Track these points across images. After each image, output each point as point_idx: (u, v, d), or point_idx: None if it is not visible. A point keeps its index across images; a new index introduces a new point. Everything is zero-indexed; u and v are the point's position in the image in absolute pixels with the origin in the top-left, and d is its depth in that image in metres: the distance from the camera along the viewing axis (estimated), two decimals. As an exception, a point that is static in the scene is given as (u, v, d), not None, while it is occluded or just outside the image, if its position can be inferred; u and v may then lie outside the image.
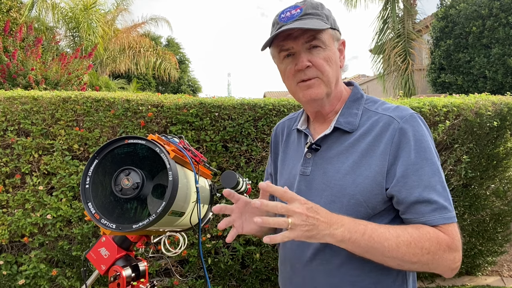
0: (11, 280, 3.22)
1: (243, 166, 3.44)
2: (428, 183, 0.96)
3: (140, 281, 1.30)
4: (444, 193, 0.97)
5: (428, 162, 0.97)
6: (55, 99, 3.34)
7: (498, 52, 8.84)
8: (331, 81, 1.06)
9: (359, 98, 1.11)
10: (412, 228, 0.94)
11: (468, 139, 3.83)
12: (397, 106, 1.05)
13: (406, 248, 0.90)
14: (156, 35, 23.92)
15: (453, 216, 0.96)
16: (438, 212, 0.94)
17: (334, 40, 1.07)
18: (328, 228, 0.87)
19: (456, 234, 0.95)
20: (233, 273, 3.50)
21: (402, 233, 0.92)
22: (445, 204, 0.95)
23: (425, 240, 0.91)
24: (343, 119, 1.07)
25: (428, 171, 0.96)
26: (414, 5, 12.01)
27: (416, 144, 0.98)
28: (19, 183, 3.28)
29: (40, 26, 11.42)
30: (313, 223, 0.85)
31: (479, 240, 3.96)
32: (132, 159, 1.22)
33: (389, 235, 0.91)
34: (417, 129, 0.99)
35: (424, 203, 0.95)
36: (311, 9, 1.04)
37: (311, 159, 1.09)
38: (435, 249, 0.91)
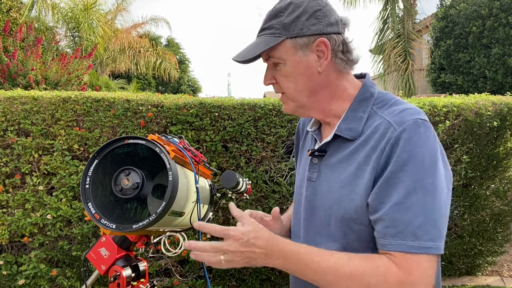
0: (11, 280, 3.22)
1: (243, 166, 3.44)
2: (403, 201, 0.83)
3: (140, 281, 1.30)
4: (421, 217, 0.82)
5: (412, 177, 0.83)
6: (55, 99, 3.34)
7: (498, 52, 8.84)
8: (295, 95, 0.99)
9: (367, 98, 0.99)
10: (359, 259, 0.86)
11: (468, 139, 3.83)
12: (404, 109, 0.92)
13: (346, 282, 0.84)
14: (156, 35, 23.91)
15: (423, 247, 0.81)
16: (402, 238, 0.82)
17: (298, 49, 0.95)
18: (266, 259, 0.86)
19: (418, 269, 0.81)
20: (233, 273, 3.50)
21: (345, 267, 0.84)
22: (418, 231, 0.81)
23: (370, 276, 0.83)
24: (344, 125, 0.97)
25: (407, 187, 0.83)
26: (414, 5, 12.01)
27: (406, 157, 0.85)
28: (19, 183, 3.28)
29: (40, 26, 11.43)
30: (250, 256, 0.85)
31: (479, 240, 3.96)
32: (132, 159, 1.22)
33: (329, 268, 0.85)
34: (415, 141, 0.85)
35: (389, 222, 0.84)
36: (268, 21, 0.97)
37: (318, 165, 1.03)
38: (379, 285, 0.82)
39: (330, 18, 0.96)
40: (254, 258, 0.86)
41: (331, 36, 0.96)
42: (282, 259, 0.86)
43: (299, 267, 0.87)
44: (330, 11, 0.97)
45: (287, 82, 0.98)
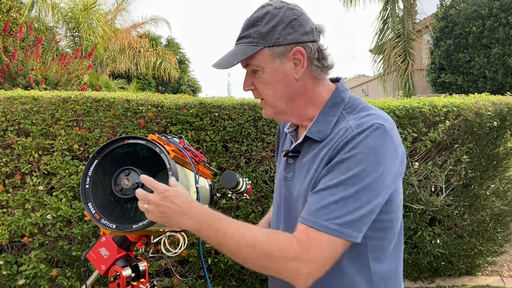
0: (11, 280, 3.22)
1: (243, 166, 3.44)
2: (331, 189, 0.89)
3: (140, 281, 1.30)
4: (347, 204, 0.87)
5: (349, 178, 0.88)
6: (55, 99, 3.34)
7: (498, 52, 8.85)
8: (274, 102, 1.03)
9: (338, 103, 1.03)
10: (265, 232, 0.93)
11: (468, 139, 3.83)
12: (368, 114, 0.96)
13: (247, 249, 0.90)
14: (156, 35, 23.91)
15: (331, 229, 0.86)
16: (316, 215, 0.88)
17: (275, 58, 0.98)
18: (180, 218, 0.94)
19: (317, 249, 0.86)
20: (233, 273, 3.50)
21: (250, 235, 0.91)
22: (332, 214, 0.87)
23: (272, 246, 0.89)
24: (314, 128, 1.02)
25: (337, 174, 0.89)
26: (414, 5, 12.02)
27: (350, 154, 0.89)
28: (19, 183, 3.28)
29: (40, 26, 11.42)
30: (166, 211, 0.94)
31: (479, 240, 3.96)
32: (132, 159, 1.22)
33: (234, 234, 0.91)
34: (365, 141, 0.89)
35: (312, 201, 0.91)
36: (246, 30, 1.00)
37: (292, 165, 1.08)
38: (277, 257, 0.88)
39: (305, 27, 1.00)
40: (169, 214, 0.94)
41: (306, 44, 1.00)
42: (195, 220, 0.93)
43: (209, 231, 0.93)
44: (306, 20, 1.01)
45: (265, 89, 1.02)
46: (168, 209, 0.94)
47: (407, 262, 3.83)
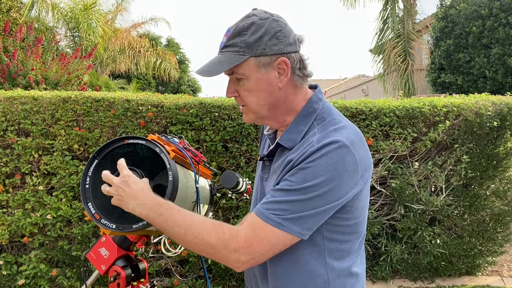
0: (11, 280, 3.22)
1: (243, 166, 3.44)
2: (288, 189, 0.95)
3: (140, 281, 1.30)
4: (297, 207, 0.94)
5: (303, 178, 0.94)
6: (55, 99, 3.34)
7: (498, 52, 8.85)
8: (257, 109, 1.08)
9: (310, 113, 1.08)
10: (212, 223, 0.98)
11: (468, 139, 3.83)
12: (334, 129, 1.00)
13: (192, 238, 0.96)
14: (156, 35, 23.90)
15: (276, 222, 0.94)
16: (269, 209, 0.95)
17: (260, 67, 1.02)
18: (132, 201, 1.00)
19: (258, 243, 0.95)
20: (233, 273, 3.50)
21: (197, 224, 0.97)
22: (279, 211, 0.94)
23: (215, 237, 0.95)
24: (286, 135, 1.08)
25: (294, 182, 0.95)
26: (414, 5, 12.01)
27: (305, 165, 0.95)
28: (19, 183, 3.28)
29: (40, 26, 11.42)
30: (121, 195, 1.01)
31: (479, 240, 3.96)
32: (132, 159, 1.22)
33: (182, 223, 0.97)
34: (324, 156, 0.94)
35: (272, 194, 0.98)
36: (232, 39, 1.02)
37: (268, 167, 1.15)
38: (220, 248, 0.95)
39: (289, 38, 1.04)
40: (123, 197, 1.01)
41: (290, 55, 1.04)
42: (144, 206, 0.99)
43: (158, 218, 0.99)
44: (289, 32, 1.05)
45: (249, 96, 1.06)
46: (123, 192, 1.01)
47: (407, 262, 3.84)
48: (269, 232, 0.95)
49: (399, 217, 3.78)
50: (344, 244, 1.04)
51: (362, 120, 3.63)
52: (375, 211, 3.75)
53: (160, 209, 0.99)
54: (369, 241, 3.82)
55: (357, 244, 1.08)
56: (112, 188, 1.03)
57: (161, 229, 1.00)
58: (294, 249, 1.01)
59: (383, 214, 3.83)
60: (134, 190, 1.01)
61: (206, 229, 0.96)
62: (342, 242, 1.04)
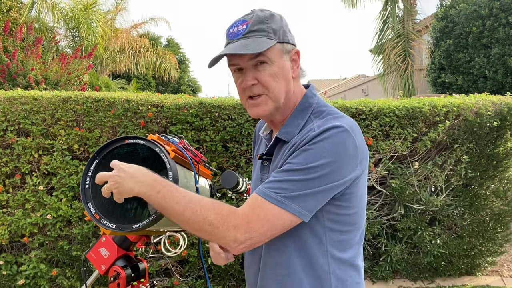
0: (11, 280, 3.22)
1: (243, 166, 3.44)
2: (290, 169, 0.96)
3: (140, 281, 1.30)
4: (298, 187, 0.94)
5: (307, 167, 0.95)
6: (55, 99, 3.34)
7: (498, 52, 8.84)
8: (279, 96, 1.06)
9: (306, 108, 1.10)
10: (211, 201, 0.98)
11: (468, 139, 3.83)
12: (334, 117, 1.03)
13: (191, 214, 0.94)
14: (156, 35, 23.89)
15: (276, 200, 0.94)
16: (270, 188, 0.95)
17: (283, 54, 1.06)
18: (130, 181, 0.97)
19: (257, 221, 0.94)
20: (233, 273, 3.50)
21: (196, 201, 0.96)
22: (279, 190, 0.95)
23: (213, 213, 0.94)
24: (284, 130, 1.09)
25: (296, 162, 0.96)
26: (414, 5, 12.01)
27: (308, 147, 0.97)
28: (19, 183, 3.28)
29: (40, 26, 11.41)
30: (118, 180, 0.98)
31: (479, 240, 3.96)
32: (132, 159, 1.22)
33: (181, 200, 0.96)
34: (327, 138, 0.96)
35: (273, 176, 0.98)
36: (257, 25, 1.03)
37: (267, 167, 1.14)
38: (218, 224, 0.93)
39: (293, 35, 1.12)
40: (120, 182, 0.97)
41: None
42: (142, 183, 0.97)
43: (157, 195, 0.96)
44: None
45: (273, 82, 1.05)
46: (120, 177, 0.98)
47: (407, 262, 3.84)
48: (268, 210, 0.94)
49: (399, 217, 3.78)
50: (345, 234, 1.05)
51: (362, 120, 3.63)
52: (375, 211, 3.75)
53: (158, 186, 0.98)
54: (369, 241, 3.82)
55: (358, 237, 1.09)
56: (108, 182, 1.00)
57: (159, 207, 0.99)
58: (296, 238, 1.02)
59: (383, 214, 3.83)
60: (131, 171, 0.99)
61: (205, 206, 0.95)
62: (344, 232, 1.04)
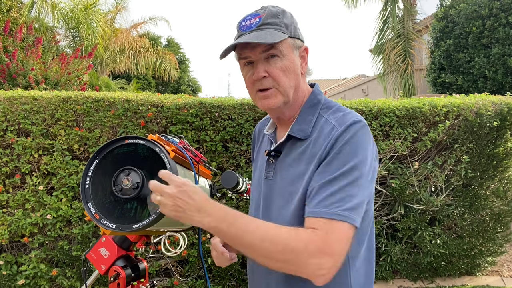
0: (11, 280, 3.22)
1: (243, 166, 3.44)
2: (334, 179, 0.94)
3: (140, 281, 1.30)
4: (349, 191, 0.93)
5: (345, 166, 0.95)
6: (55, 99, 3.34)
7: (498, 52, 8.84)
8: (288, 90, 1.06)
9: (315, 104, 1.11)
10: (286, 228, 0.92)
11: (468, 139, 3.83)
12: (345, 113, 1.04)
13: (269, 244, 0.89)
14: (156, 35, 23.89)
15: (343, 215, 0.91)
16: (323, 205, 0.92)
17: (294, 49, 1.07)
18: (196, 214, 0.91)
19: (336, 242, 0.90)
20: (233, 273, 3.50)
21: (272, 230, 0.91)
22: (338, 203, 0.92)
23: (294, 240, 0.89)
24: (296, 127, 1.08)
25: (342, 171, 0.94)
26: (414, 5, 12.00)
27: (344, 148, 0.97)
28: (19, 183, 3.28)
29: (40, 26, 11.41)
30: (181, 206, 0.91)
31: (479, 240, 3.96)
32: (132, 159, 1.22)
33: (256, 230, 0.91)
34: (352, 135, 0.98)
35: (319, 192, 0.94)
36: (270, 18, 1.04)
37: (274, 164, 1.12)
38: (301, 251, 0.88)
39: None
40: (184, 209, 0.91)
41: None
42: (213, 217, 0.91)
43: (229, 227, 0.91)
44: None
45: (283, 76, 1.05)
46: (184, 203, 0.91)
47: (407, 262, 3.84)
48: (340, 228, 0.90)
49: (399, 217, 3.78)
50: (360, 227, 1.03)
51: (362, 120, 3.63)
52: (375, 211, 3.75)
53: (229, 217, 0.92)
54: (369, 241, 3.82)
55: (369, 231, 1.09)
56: (166, 199, 0.92)
57: (231, 240, 0.93)
58: None
59: (383, 214, 3.83)
60: (197, 202, 0.92)
61: (282, 233, 0.90)
62: (365, 228, 1.05)
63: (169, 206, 0.91)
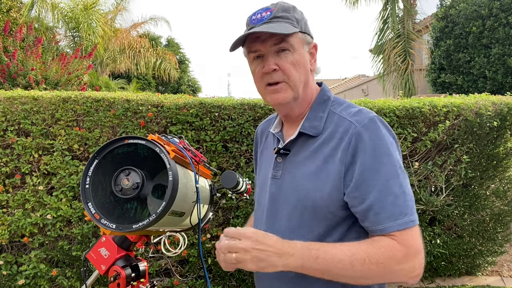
0: (11, 280, 3.22)
1: (243, 166, 3.44)
2: (384, 187, 0.94)
3: (140, 281, 1.30)
4: (402, 197, 0.95)
5: (386, 166, 0.96)
6: (55, 99, 3.34)
7: (498, 52, 8.85)
8: (298, 85, 1.05)
9: (325, 101, 1.11)
10: (366, 244, 0.93)
11: (468, 139, 3.83)
12: (359, 110, 1.04)
13: (360, 266, 0.90)
14: (156, 35, 23.90)
15: (410, 221, 0.93)
16: (394, 219, 0.93)
17: (304, 44, 1.06)
18: (279, 259, 0.90)
19: (414, 240, 0.93)
20: (233, 273, 3.50)
21: (356, 251, 0.91)
22: (403, 208, 0.94)
23: (380, 255, 0.90)
24: (308, 124, 1.07)
25: (385, 175, 0.95)
26: (414, 5, 12.01)
27: (374, 149, 0.96)
28: (19, 183, 3.27)
29: (40, 26, 11.41)
30: (260, 256, 0.89)
31: (479, 240, 3.96)
32: (132, 159, 1.22)
33: (343, 256, 0.91)
34: (376, 134, 0.98)
35: (378, 209, 0.94)
36: (281, 12, 1.04)
37: (282, 163, 1.10)
38: (390, 262, 0.90)
39: None
40: (264, 259, 0.89)
41: None
42: (296, 257, 0.90)
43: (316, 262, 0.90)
44: None
45: (294, 70, 1.04)
46: (262, 252, 0.89)
47: (407, 262, 3.83)
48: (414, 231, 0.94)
49: (399, 217, 3.77)
50: None
51: (362, 120, 3.63)
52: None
53: (313, 252, 0.91)
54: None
55: None
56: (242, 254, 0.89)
57: (321, 273, 0.92)
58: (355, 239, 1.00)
59: (383, 214, 3.83)
60: (274, 246, 0.90)
61: (368, 251, 0.91)
62: None
63: (249, 260, 0.89)
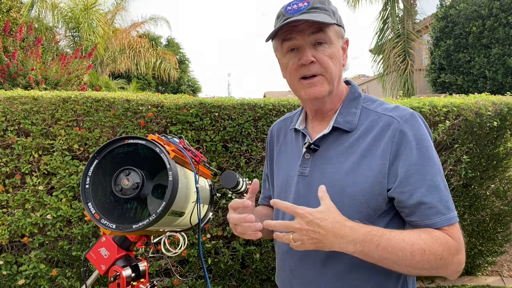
0: (11, 280, 3.22)
1: (243, 166, 3.44)
2: (432, 183, 0.95)
3: (140, 281, 1.30)
4: (446, 192, 0.96)
5: (431, 161, 0.96)
6: (55, 99, 3.34)
7: (498, 52, 8.84)
8: (334, 78, 1.04)
9: (357, 97, 1.10)
10: (425, 234, 0.92)
11: (468, 139, 3.83)
12: (396, 106, 1.04)
13: (420, 256, 0.89)
14: (156, 35, 23.90)
15: (455, 216, 0.95)
16: (443, 214, 0.94)
17: (339, 37, 1.05)
18: (336, 241, 0.87)
19: (460, 235, 0.95)
20: (233, 273, 3.50)
21: (416, 241, 0.90)
22: (448, 204, 0.95)
23: (438, 246, 0.90)
24: (341, 119, 1.05)
25: (430, 171, 0.96)
26: (414, 5, 12.01)
27: (418, 144, 0.96)
28: (19, 183, 3.27)
29: (40, 26, 11.41)
30: (316, 237, 0.87)
31: (479, 240, 3.96)
32: (132, 159, 1.22)
33: (404, 244, 0.89)
34: (418, 129, 0.98)
35: (428, 204, 0.94)
36: (318, 3, 1.01)
37: (310, 160, 1.07)
38: (446, 255, 0.91)
39: None
40: (320, 240, 0.87)
41: None
42: (354, 241, 0.88)
43: (371, 247, 0.88)
44: None
45: (331, 63, 1.02)
46: (318, 234, 0.86)
47: (407, 262, 3.83)
48: (456, 226, 0.96)
49: (399, 217, 3.77)
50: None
51: (362, 120, 3.63)
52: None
53: (375, 238, 0.88)
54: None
55: None
56: (298, 235, 0.87)
57: (380, 260, 0.90)
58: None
59: (383, 214, 3.83)
60: (332, 228, 0.87)
61: (428, 242, 0.90)
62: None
63: (305, 241, 0.87)
